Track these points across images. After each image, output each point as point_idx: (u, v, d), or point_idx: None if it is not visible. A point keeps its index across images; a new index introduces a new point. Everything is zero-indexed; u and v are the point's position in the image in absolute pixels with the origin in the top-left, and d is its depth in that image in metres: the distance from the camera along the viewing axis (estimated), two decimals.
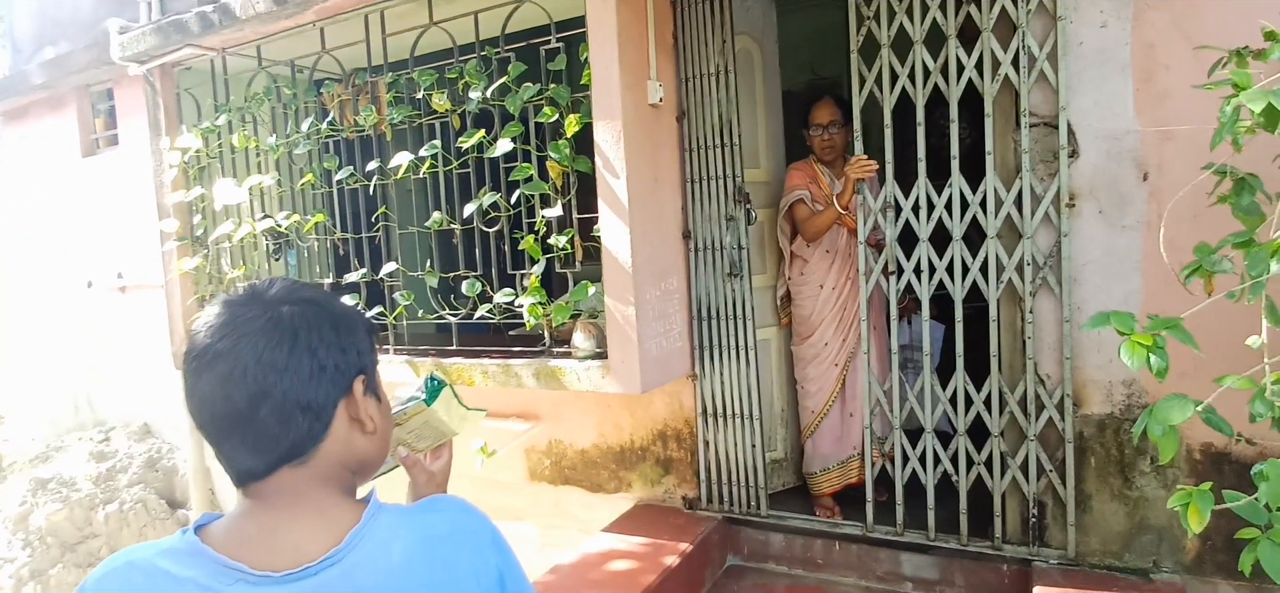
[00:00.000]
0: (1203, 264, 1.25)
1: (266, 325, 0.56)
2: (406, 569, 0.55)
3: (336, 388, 0.58)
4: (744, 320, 2.23)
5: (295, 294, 0.59)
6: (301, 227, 2.53)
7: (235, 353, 0.55)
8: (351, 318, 0.62)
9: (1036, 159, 1.85)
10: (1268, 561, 0.97)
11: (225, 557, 0.54)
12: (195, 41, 2.62)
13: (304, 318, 0.57)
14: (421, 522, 0.58)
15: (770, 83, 2.41)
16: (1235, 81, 1.10)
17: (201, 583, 0.53)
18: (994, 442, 1.94)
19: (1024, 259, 1.86)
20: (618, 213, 1.98)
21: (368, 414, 0.60)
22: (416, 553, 0.56)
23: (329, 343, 0.57)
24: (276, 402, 0.55)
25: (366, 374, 0.60)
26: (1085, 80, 1.79)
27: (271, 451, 0.56)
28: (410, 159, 2.25)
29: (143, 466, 3.36)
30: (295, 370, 0.55)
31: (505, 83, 2.09)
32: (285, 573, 0.53)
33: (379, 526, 0.56)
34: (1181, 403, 1.06)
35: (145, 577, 0.53)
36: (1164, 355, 1.05)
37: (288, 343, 0.56)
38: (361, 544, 0.55)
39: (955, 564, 2.05)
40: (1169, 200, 1.74)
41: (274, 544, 0.55)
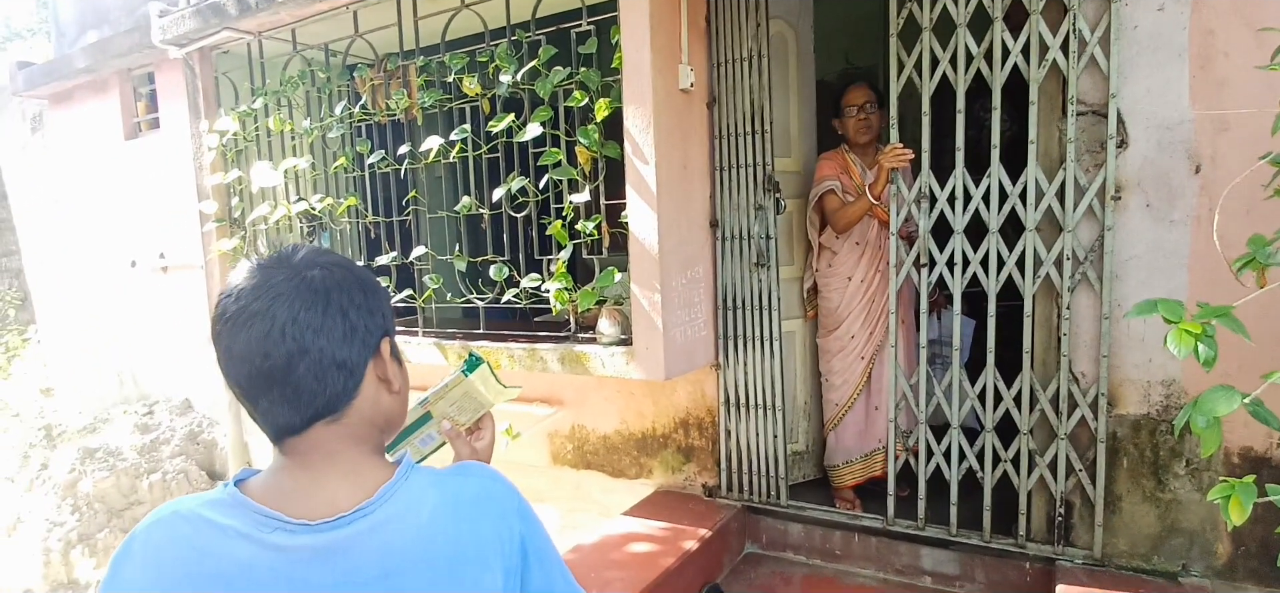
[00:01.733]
0: (1256, 256, 1.17)
1: (300, 287, 0.57)
2: (434, 527, 0.57)
3: (367, 348, 0.59)
4: (769, 311, 2.18)
5: (320, 259, 0.60)
6: (334, 210, 2.54)
7: (271, 313, 0.56)
8: (374, 283, 0.63)
9: (1082, 149, 1.76)
10: None
11: (265, 507, 0.56)
12: (232, 24, 2.63)
13: (334, 280, 0.59)
14: (451, 485, 0.60)
15: (804, 69, 2.33)
16: None
17: (242, 531, 0.55)
18: (1023, 439, 1.88)
19: (1064, 253, 1.78)
20: (646, 199, 1.94)
21: (394, 374, 0.62)
22: (444, 513, 0.58)
23: (358, 305, 0.59)
24: (314, 359, 0.56)
25: (390, 336, 0.63)
26: (1138, 66, 1.69)
27: (308, 407, 0.57)
28: (440, 143, 2.24)
29: (184, 438, 3.46)
30: (330, 330, 0.57)
31: (536, 66, 2.05)
32: (320, 522, 0.55)
33: (411, 484, 0.59)
34: (1228, 394, 1.00)
35: (190, 525, 0.55)
36: (1213, 344, 0.99)
37: (320, 304, 0.57)
38: (393, 500, 0.57)
39: (976, 560, 1.99)
40: (1222, 194, 1.64)
41: (310, 496, 0.57)
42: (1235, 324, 1.03)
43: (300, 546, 0.55)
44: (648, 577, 1.89)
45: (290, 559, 0.55)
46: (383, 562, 0.55)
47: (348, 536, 0.55)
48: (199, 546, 0.55)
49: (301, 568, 0.54)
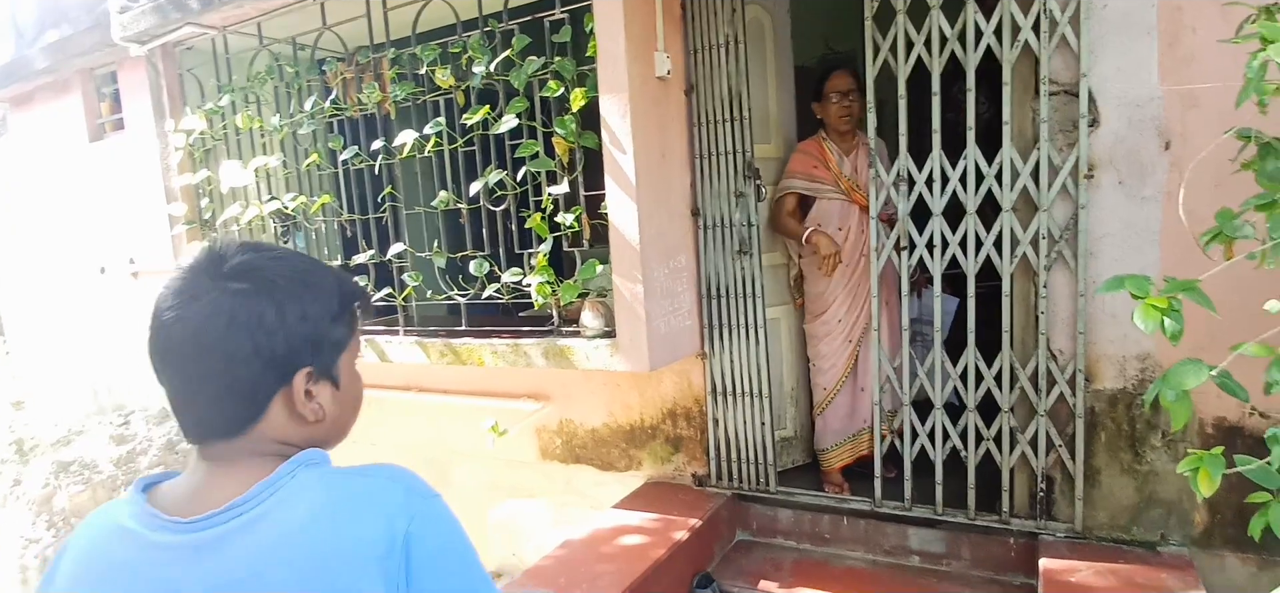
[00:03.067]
0: (1223, 229, 1.20)
1: (211, 301, 0.56)
2: (309, 526, 0.54)
3: (270, 382, 0.58)
4: (753, 299, 2.20)
5: (250, 266, 0.58)
6: (308, 208, 2.50)
7: (179, 320, 0.56)
8: (308, 298, 0.59)
9: (1055, 129, 1.79)
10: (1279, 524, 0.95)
11: (155, 508, 0.57)
12: (195, 20, 2.58)
13: (248, 298, 0.56)
14: (340, 483, 0.57)
15: (782, 54, 2.34)
16: (1263, 35, 1.04)
17: (136, 531, 0.57)
18: (1004, 417, 1.92)
19: (1039, 233, 1.81)
20: (625, 189, 1.94)
21: (309, 407, 0.60)
22: (322, 512, 0.55)
23: (270, 329, 0.57)
24: (212, 388, 0.57)
25: (318, 363, 0.60)
26: (1108, 45, 1.72)
27: (204, 424, 0.58)
28: (415, 138, 2.22)
29: (162, 448, 3.41)
30: (222, 366, 0.56)
31: (509, 57, 2.04)
32: (194, 518, 0.56)
33: (294, 481, 0.57)
34: (1196, 368, 1.04)
35: (105, 526, 0.59)
36: (1179, 318, 1.02)
37: (225, 323, 0.56)
38: (269, 498, 0.56)
39: (962, 538, 2.04)
40: (1192, 170, 1.68)
41: (196, 497, 0.58)
42: (1201, 298, 1.06)
43: (177, 543, 0.55)
44: (638, 569, 1.91)
45: (168, 558, 0.55)
46: (252, 561, 0.54)
47: (220, 534, 0.55)
48: (104, 546, 0.58)
49: (176, 567, 0.55)
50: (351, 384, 0.65)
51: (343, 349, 0.63)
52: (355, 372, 0.66)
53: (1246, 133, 1.34)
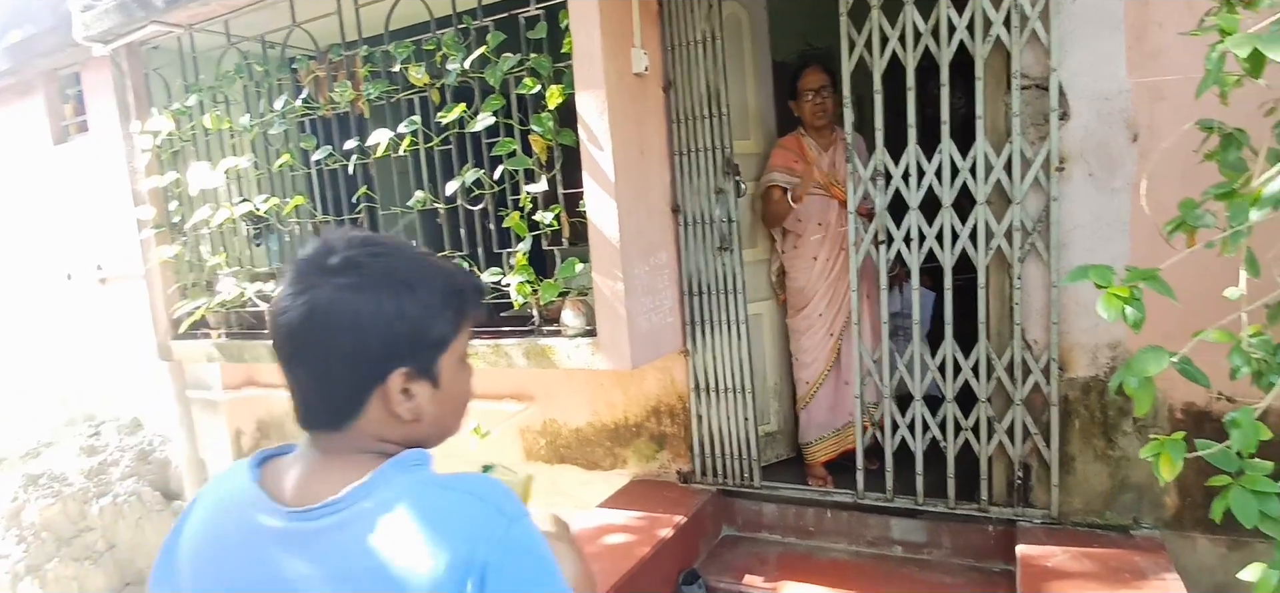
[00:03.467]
0: (1186, 219, 1.24)
1: (314, 296, 0.57)
2: (399, 536, 0.54)
3: (368, 379, 0.58)
4: (735, 295, 2.21)
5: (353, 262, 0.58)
6: (281, 210, 2.46)
7: (288, 316, 0.58)
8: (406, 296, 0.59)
9: (1027, 122, 1.82)
10: (1238, 507, 0.98)
11: (265, 488, 0.60)
12: (160, 18, 2.51)
13: (347, 295, 0.57)
14: (428, 496, 0.57)
15: (760, 50, 2.35)
16: (1222, 27, 1.07)
17: (249, 503, 0.60)
18: (981, 407, 1.95)
19: (1013, 225, 1.85)
20: (603, 187, 1.93)
21: (405, 407, 0.60)
22: (406, 526, 0.55)
23: (363, 329, 0.57)
24: (312, 383, 0.59)
25: (416, 363, 0.59)
26: (1077, 39, 1.76)
27: (311, 416, 0.61)
28: (390, 136, 2.19)
29: (134, 459, 3.33)
30: (326, 359, 0.58)
31: (484, 53, 2.02)
32: (295, 509, 0.58)
33: (388, 486, 0.57)
34: (1157, 354, 1.06)
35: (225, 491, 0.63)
36: (1140, 307, 1.05)
37: (321, 319, 0.57)
38: (363, 500, 0.56)
39: (943, 527, 2.08)
40: (1159, 161, 1.72)
41: (301, 485, 0.59)
42: (1162, 286, 1.08)
43: (278, 529, 0.58)
44: (623, 568, 1.91)
45: (268, 540, 0.57)
46: (340, 562, 0.55)
47: (315, 529, 0.56)
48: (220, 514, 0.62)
49: (274, 550, 0.57)
50: (454, 384, 0.63)
51: (444, 349, 0.62)
52: (460, 372, 0.65)
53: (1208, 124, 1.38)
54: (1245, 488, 1.01)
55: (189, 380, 3.04)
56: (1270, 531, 1.01)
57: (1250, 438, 1.02)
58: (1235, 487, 1.01)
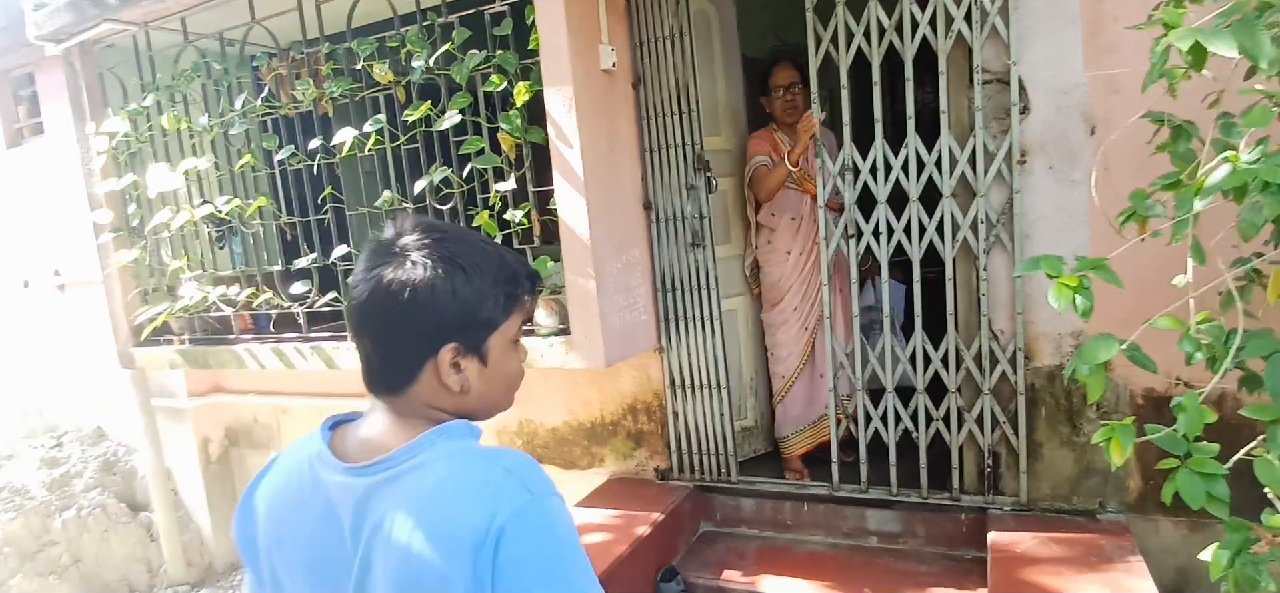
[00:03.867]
0: (1137, 209, 1.27)
1: (381, 274, 0.65)
2: (429, 498, 0.60)
3: (422, 351, 0.65)
4: (708, 291, 2.22)
5: (415, 245, 0.66)
6: (243, 211, 2.40)
7: (358, 290, 0.66)
8: (459, 279, 0.65)
9: (989, 116, 1.86)
10: (1185, 489, 1.01)
11: (332, 449, 0.68)
12: (114, 16, 2.44)
13: (401, 285, 0.64)
14: (464, 464, 0.63)
15: (729, 47, 2.36)
16: (1166, 21, 1.10)
17: (318, 466, 0.67)
18: (951, 398, 1.99)
19: (978, 217, 1.88)
20: (573, 184, 1.92)
21: (454, 379, 0.66)
22: (441, 488, 0.61)
23: (419, 306, 0.64)
24: (375, 352, 0.67)
25: (464, 340, 0.66)
26: (1036, 35, 1.79)
27: (375, 381, 0.68)
28: (354, 135, 2.15)
29: (98, 470, 3.24)
30: (387, 331, 0.66)
31: (449, 50, 2.00)
32: (350, 466, 0.65)
33: (432, 450, 0.63)
34: (1107, 342, 1.09)
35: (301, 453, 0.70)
36: (1089, 296, 1.08)
37: (384, 294, 0.64)
38: (409, 461, 0.63)
39: (917, 517, 2.11)
40: (1115, 153, 1.77)
41: (363, 445, 0.67)
42: (1110, 276, 1.11)
43: (340, 484, 0.65)
44: (599, 567, 1.91)
45: (332, 494, 0.65)
46: (386, 516, 0.61)
47: (370, 484, 0.63)
48: (294, 471, 0.69)
49: (337, 503, 0.65)
50: (503, 363, 0.69)
51: (494, 330, 0.68)
52: (510, 353, 0.70)
53: (1159, 116, 1.42)
54: (1192, 471, 1.04)
55: (153, 388, 2.96)
56: (1216, 511, 1.04)
57: (1195, 422, 1.05)
58: (1182, 470, 1.04)
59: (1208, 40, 1.07)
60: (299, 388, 2.80)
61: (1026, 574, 1.71)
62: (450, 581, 0.58)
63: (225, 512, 3.09)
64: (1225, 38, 1.05)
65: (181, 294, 2.58)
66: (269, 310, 2.44)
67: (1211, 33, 1.08)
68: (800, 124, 2.10)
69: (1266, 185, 1.00)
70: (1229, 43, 1.04)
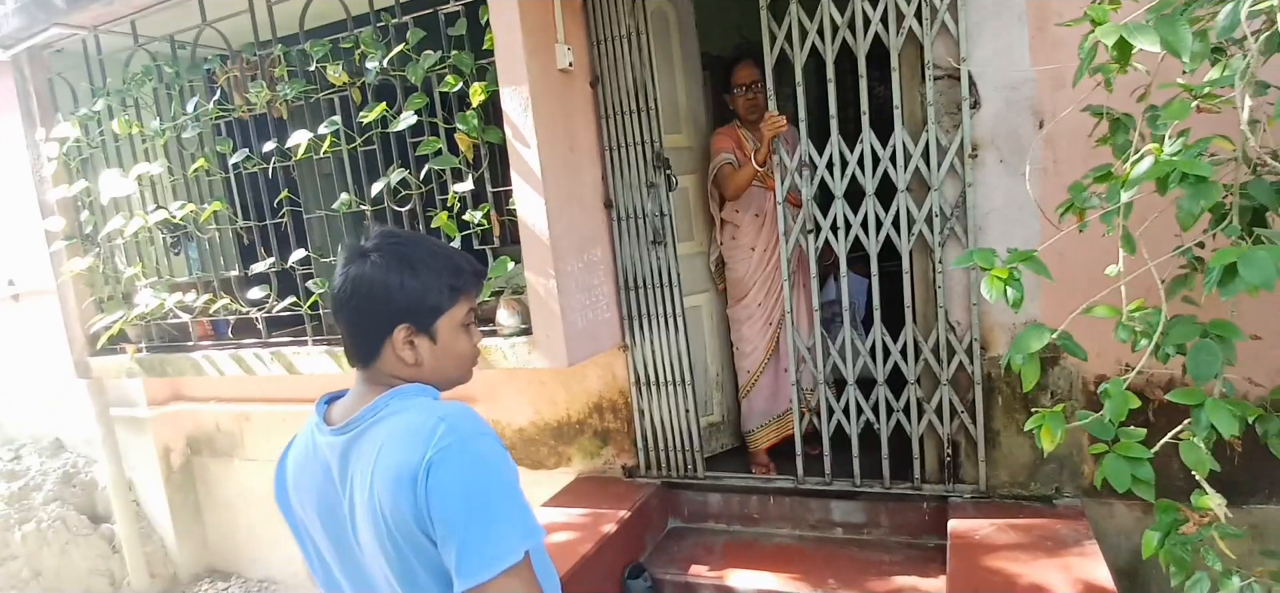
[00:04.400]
0: (1074, 201, 1.30)
1: (352, 270, 0.82)
2: (385, 446, 0.76)
3: (381, 331, 0.81)
4: (671, 288, 2.23)
5: (376, 247, 0.82)
6: (198, 216, 2.36)
7: (336, 283, 0.83)
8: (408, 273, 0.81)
9: (942, 111, 1.89)
10: (1110, 473, 1.04)
11: (322, 419, 0.85)
12: (63, 20, 2.38)
13: (365, 279, 0.81)
14: (411, 417, 0.77)
15: (688, 45, 2.37)
16: (1092, 17, 1.13)
17: (315, 428, 0.85)
18: (910, 389, 2.02)
19: (932, 211, 1.91)
20: (531, 184, 1.92)
21: (410, 354, 0.82)
22: (393, 437, 0.76)
23: (376, 297, 0.81)
24: (349, 332, 0.84)
25: (415, 322, 0.82)
26: (984, 31, 1.82)
27: (352, 356, 0.85)
28: (309, 137, 2.12)
29: (58, 482, 3.16)
30: (356, 315, 0.82)
31: (404, 51, 1.98)
32: (332, 427, 0.82)
33: (388, 408, 0.79)
34: (1038, 332, 1.12)
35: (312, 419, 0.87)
36: (1019, 287, 1.11)
37: (351, 288, 0.82)
38: (372, 418, 0.79)
39: (880, 507, 2.14)
40: (1063, 146, 1.81)
41: (345, 410, 0.84)
42: (1039, 267, 1.14)
43: (328, 443, 0.82)
44: (565, 566, 1.91)
45: (325, 453, 0.82)
46: (359, 462, 0.78)
47: (347, 439, 0.80)
48: (306, 439, 0.87)
49: (329, 459, 0.82)
50: (452, 343, 0.85)
51: (440, 314, 0.83)
52: (459, 335, 0.86)
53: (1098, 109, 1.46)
54: (1119, 455, 1.07)
55: (113, 398, 2.90)
56: (1143, 494, 1.07)
57: (1119, 407, 1.08)
58: (1109, 454, 1.07)
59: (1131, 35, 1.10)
60: (261, 394, 2.76)
61: (984, 561, 1.75)
62: (400, 509, 0.73)
63: (188, 522, 3.05)
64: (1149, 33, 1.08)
65: (137, 302, 2.53)
66: (227, 316, 2.41)
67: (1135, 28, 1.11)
68: (764, 125, 2.11)
69: (1185, 177, 1.03)
70: (1152, 37, 1.07)
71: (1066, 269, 1.57)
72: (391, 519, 0.74)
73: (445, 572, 0.74)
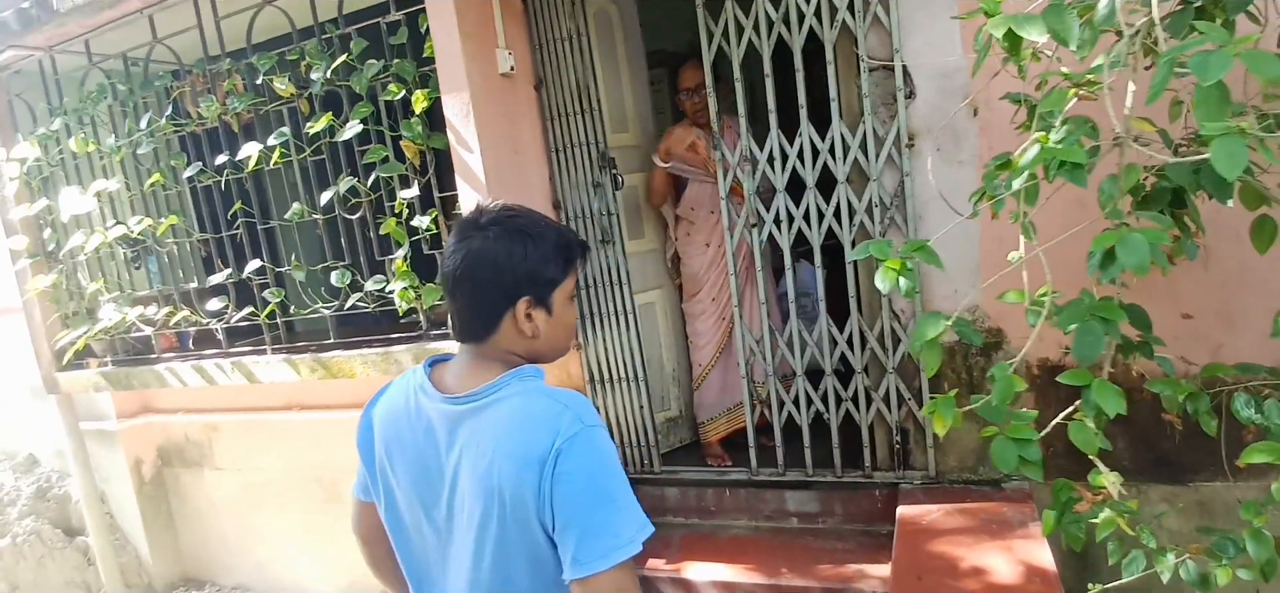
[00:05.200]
0: (986, 189, 1.34)
1: (469, 244, 0.84)
2: (509, 425, 0.80)
3: (502, 304, 0.84)
4: (621, 286, 2.27)
5: (494, 221, 0.85)
6: (156, 230, 2.41)
7: (452, 258, 0.85)
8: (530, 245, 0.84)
9: (877, 102, 1.92)
10: (997, 455, 1.08)
11: (428, 381, 0.88)
12: (17, 41, 2.43)
13: (484, 253, 0.84)
14: (534, 401, 0.82)
15: (632, 44, 2.40)
16: (985, 9, 1.16)
17: (418, 390, 0.89)
18: (858, 378, 2.06)
19: (872, 201, 1.95)
20: (476, 188, 1.96)
21: (530, 327, 0.85)
22: (517, 418, 0.81)
23: (499, 268, 0.83)
24: (466, 307, 0.85)
25: (535, 294, 0.85)
26: (916, 21, 1.85)
27: (465, 331, 0.87)
28: (259, 149, 2.17)
29: (32, 497, 3.22)
30: (476, 289, 0.84)
31: (348, 61, 2.02)
32: (450, 396, 0.85)
33: (508, 388, 0.83)
34: (935, 319, 1.16)
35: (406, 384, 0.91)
36: (913, 276, 1.15)
37: (472, 267, 0.84)
38: (492, 395, 0.83)
39: (834, 496, 2.18)
40: (996, 134, 1.84)
41: (457, 380, 0.87)
42: (930, 256, 1.18)
43: (440, 410, 0.85)
44: None
45: (434, 418, 0.86)
46: (476, 436, 0.82)
47: (463, 411, 0.83)
48: (402, 399, 0.90)
49: (438, 425, 0.85)
50: (563, 314, 0.89)
51: (557, 286, 0.87)
52: (568, 306, 0.90)
53: (1016, 97, 1.49)
54: (1008, 436, 1.11)
55: (82, 412, 2.95)
56: (1031, 474, 1.12)
57: (1006, 391, 1.12)
58: (997, 436, 1.12)
59: (1019, 26, 1.14)
60: (228, 404, 2.81)
61: (931, 546, 1.79)
62: (522, 487, 0.78)
63: (161, 532, 3.10)
64: (1036, 23, 1.13)
65: (101, 316, 2.58)
66: (188, 328, 2.45)
67: (1023, 19, 1.15)
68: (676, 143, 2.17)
69: (1063, 164, 1.07)
70: (1039, 27, 1.11)
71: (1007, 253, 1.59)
72: (510, 499, 0.78)
73: (540, 561, 0.80)
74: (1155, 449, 1.89)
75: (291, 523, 2.81)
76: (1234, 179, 0.87)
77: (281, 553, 2.88)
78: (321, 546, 2.76)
